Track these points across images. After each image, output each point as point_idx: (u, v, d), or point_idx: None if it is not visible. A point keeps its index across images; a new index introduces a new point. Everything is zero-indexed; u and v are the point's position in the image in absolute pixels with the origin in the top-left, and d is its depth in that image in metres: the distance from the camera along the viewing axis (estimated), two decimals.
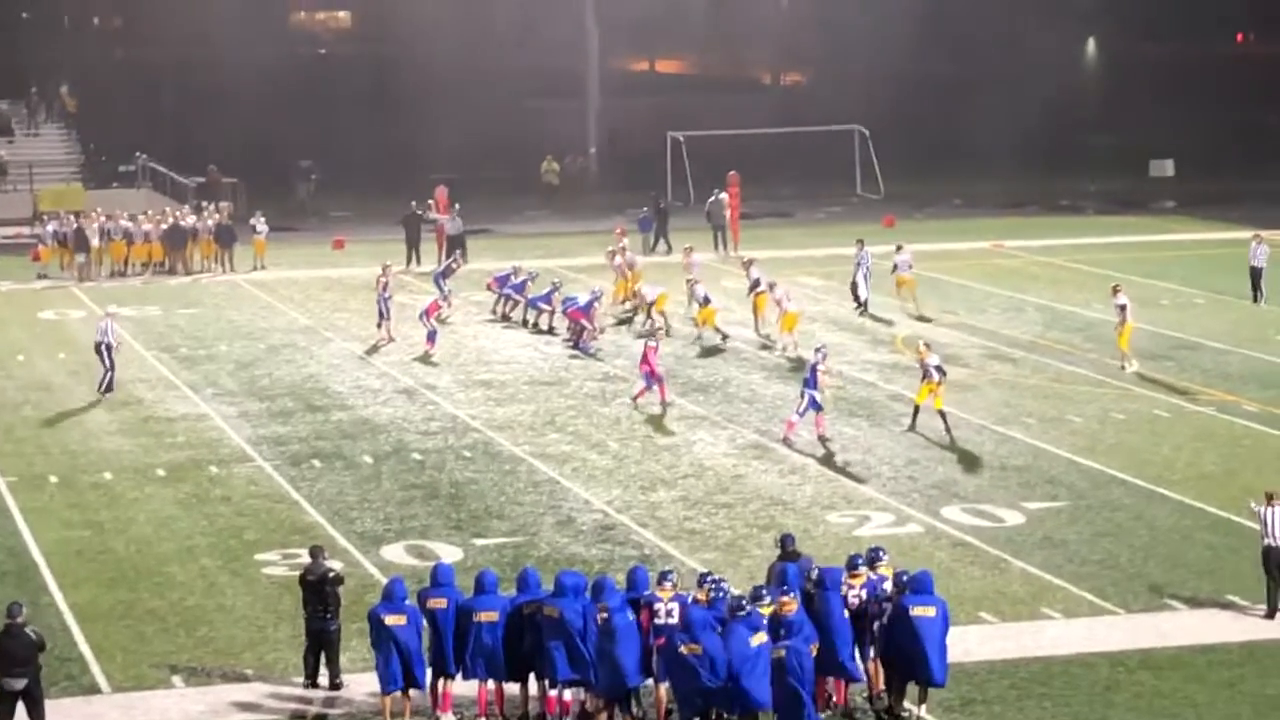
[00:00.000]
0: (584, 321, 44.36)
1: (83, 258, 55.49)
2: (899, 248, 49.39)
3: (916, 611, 21.84)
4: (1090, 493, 31.82)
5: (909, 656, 21.90)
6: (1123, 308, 41.46)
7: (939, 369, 35.71)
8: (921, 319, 47.87)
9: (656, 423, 37.04)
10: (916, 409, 36.06)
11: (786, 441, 34.97)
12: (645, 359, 38.09)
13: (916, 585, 22.13)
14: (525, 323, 47.15)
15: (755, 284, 45.79)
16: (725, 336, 44.65)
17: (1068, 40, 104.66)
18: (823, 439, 35.09)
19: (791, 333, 43.52)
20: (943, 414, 35.50)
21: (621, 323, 47.30)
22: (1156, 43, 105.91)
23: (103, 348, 39.67)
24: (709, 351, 43.84)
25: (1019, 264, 57.26)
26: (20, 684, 21.41)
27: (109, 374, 39.68)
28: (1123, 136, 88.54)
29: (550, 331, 46.00)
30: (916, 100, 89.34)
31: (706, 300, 45.02)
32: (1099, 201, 72.98)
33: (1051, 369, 41.87)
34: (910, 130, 79.59)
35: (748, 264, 47.34)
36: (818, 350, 36.09)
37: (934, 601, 22.01)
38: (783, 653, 21.02)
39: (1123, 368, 41.00)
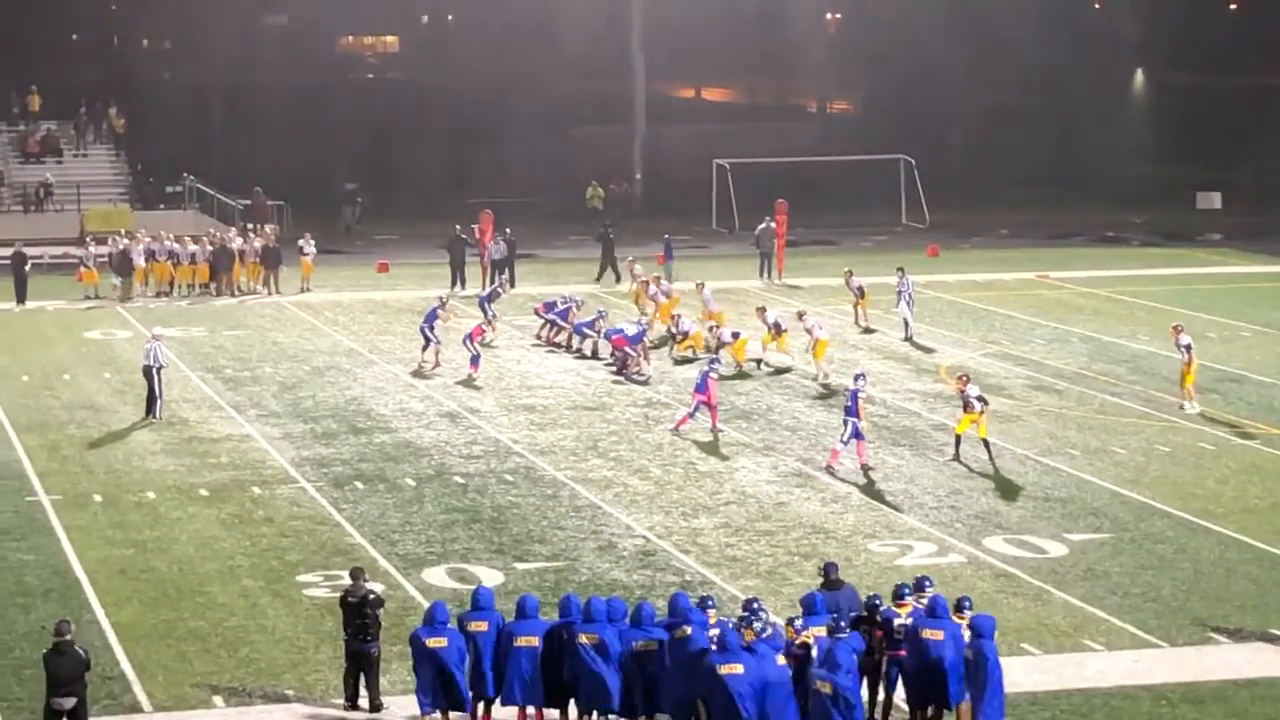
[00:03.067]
0: (629, 350, 44.34)
1: (123, 280, 55.68)
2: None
3: (927, 634, 21.82)
4: (1134, 525, 31.68)
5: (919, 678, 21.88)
6: (1187, 347, 40.53)
7: (980, 399, 35.62)
8: (867, 330, 48.59)
9: (702, 448, 36.98)
10: (958, 439, 35.97)
11: (830, 470, 34.91)
12: (706, 388, 37.71)
13: (931, 609, 22.14)
14: (569, 348, 47.18)
15: (776, 326, 45.41)
16: (759, 363, 44.70)
17: (1115, 72, 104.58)
18: (865, 468, 35.01)
19: (822, 359, 43.43)
20: (986, 443, 35.41)
21: (658, 346, 47.12)
22: (1204, 75, 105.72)
23: (152, 371, 39.78)
24: (752, 379, 43.77)
25: (1064, 295, 57.10)
26: (70, 703, 21.44)
27: (158, 401, 39.76)
28: (1170, 168, 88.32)
29: (594, 357, 46.01)
30: (963, 130, 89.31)
31: (736, 335, 45.27)
32: (1145, 233, 72.75)
33: (1096, 400, 41.71)
34: (956, 160, 79.48)
35: (762, 310, 46.68)
36: (858, 377, 36.01)
37: (943, 625, 21.92)
38: (830, 687, 20.95)
39: (1181, 407, 40.41)
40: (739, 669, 20.94)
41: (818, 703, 21.03)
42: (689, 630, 21.72)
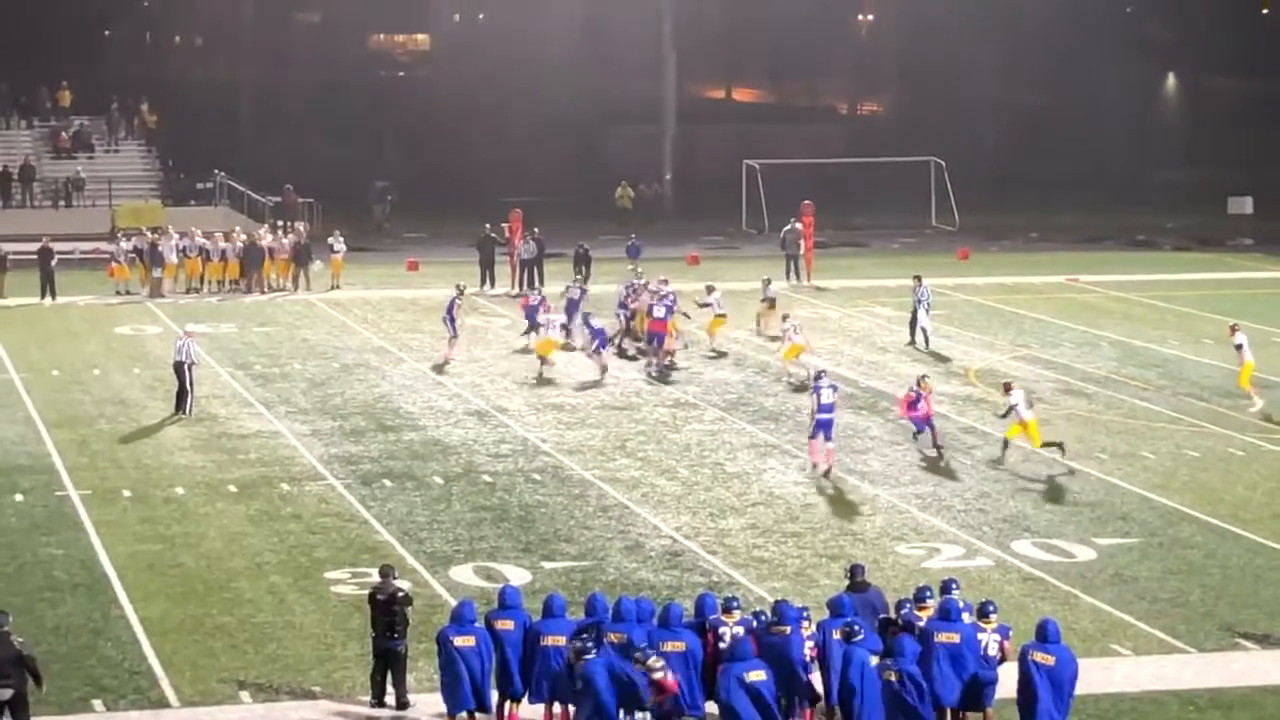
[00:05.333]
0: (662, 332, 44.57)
1: (157, 273, 55.88)
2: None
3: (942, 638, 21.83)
4: (1162, 530, 31.60)
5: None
6: (1239, 347, 41.11)
7: (1029, 406, 35.66)
8: (773, 339, 48.02)
9: (729, 449, 36.97)
10: (1006, 443, 35.92)
11: (814, 467, 34.78)
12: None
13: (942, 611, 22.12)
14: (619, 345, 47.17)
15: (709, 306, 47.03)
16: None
17: (1147, 75, 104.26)
18: (814, 465, 34.94)
19: (791, 361, 43.81)
20: (1050, 444, 35.52)
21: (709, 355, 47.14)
22: (1236, 78, 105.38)
23: (184, 368, 39.85)
24: (781, 380, 43.76)
25: (1094, 299, 56.98)
26: (6, 694, 21.20)
27: (189, 397, 39.81)
28: (1201, 172, 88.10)
29: (629, 353, 45.96)
30: (993, 132, 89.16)
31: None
32: (1176, 237, 72.57)
33: (1125, 405, 41.62)
34: (987, 162, 79.37)
35: (710, 289, 48.15)
36: (819, 375, 35.80)
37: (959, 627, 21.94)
38: (896, 675, 21.19)
39: (1249, 405, 40.80)
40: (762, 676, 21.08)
41: (888, 692, 21.20)
42: (788, 630, 21.85)
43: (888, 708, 21.28)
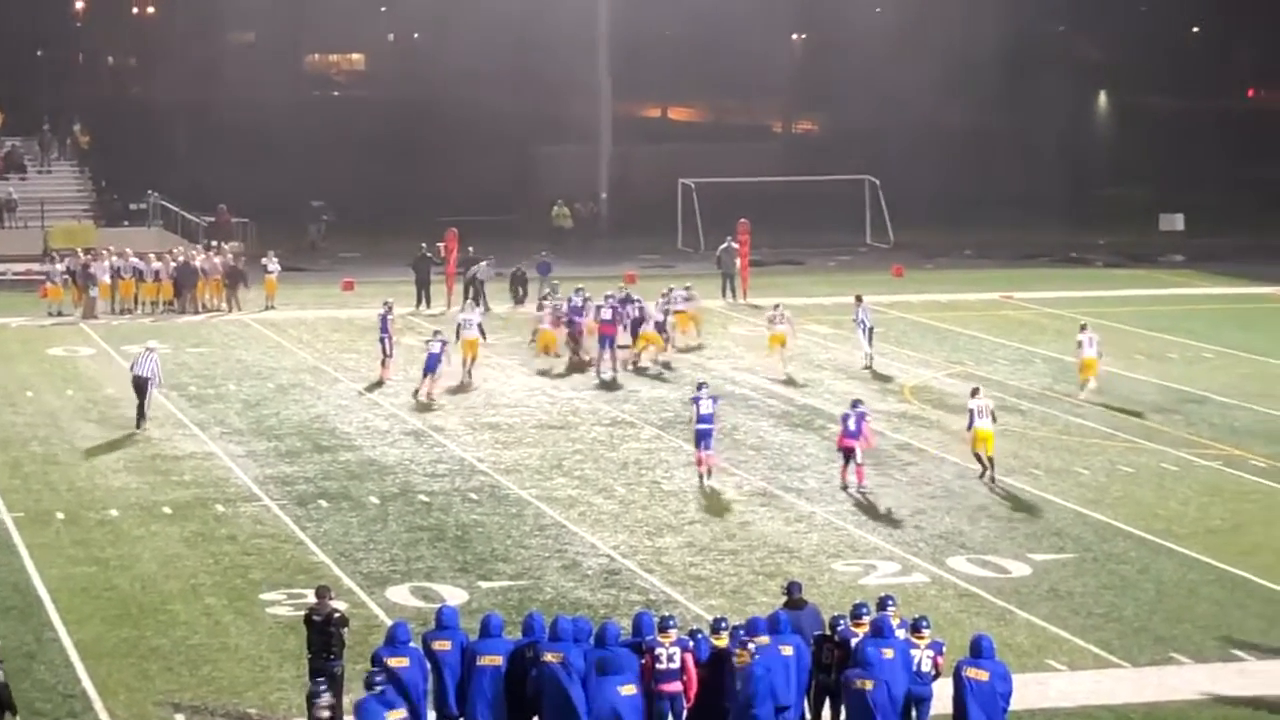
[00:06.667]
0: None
1: (91, 294, 55.57)
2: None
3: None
4: (1097, 545, 31.77)
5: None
6: (1080, 344, 44.05)
7: (992, 414, 36.32)
8: (699, 347, 49.63)
9: (667, 467, 37.00)
10: (979, 458, 36.29)
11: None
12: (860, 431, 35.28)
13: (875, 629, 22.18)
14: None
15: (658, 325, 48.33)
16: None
17: (1079, 94, 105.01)
18: (705, 471, 35.43)
19: (776, 350, 46.21)
20: (983, 461, 36.02)
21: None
22: (1167, 97, 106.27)
23: (144, 383, 39.93)
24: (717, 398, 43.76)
25: (1028, 315, 57.28)
26: None
27: (140, 412, 39.96)
28: (1133, 190, 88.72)
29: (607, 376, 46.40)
30: (927, 150, 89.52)
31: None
32: (1108, 255, 73.04)
33: (1060, 421, 41.84)
34: (921, 180, 79.77)
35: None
36: (700, 385, 37.32)
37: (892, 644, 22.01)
38: (870, 683, 21.29)
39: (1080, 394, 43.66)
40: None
41: (857, 701, 21.30)
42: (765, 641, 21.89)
43: (859, 717, 21.36)
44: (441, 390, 43.86)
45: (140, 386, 39.95)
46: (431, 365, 43.50)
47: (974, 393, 36.98)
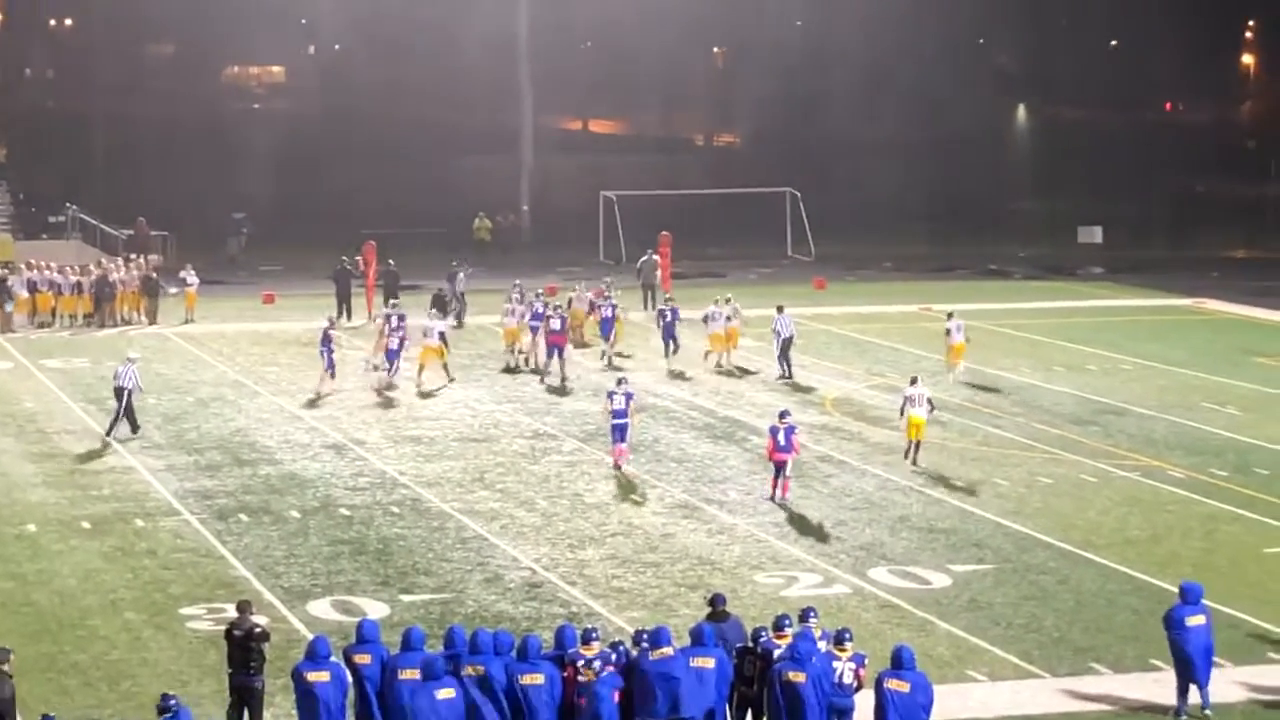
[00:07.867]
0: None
1: (8, 308, 55.14)
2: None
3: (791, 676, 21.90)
4: (1016, 556, 31.95)
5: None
6: (948, 332, 47.22)
7: (930, 401, 38.27)
8: (620, 355, 50.20)
9: (589, 480, 37.02)
10: (910, 444, 38.04)
11: (616, 466, 37.00)
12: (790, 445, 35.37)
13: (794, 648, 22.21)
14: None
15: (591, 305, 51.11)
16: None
17: (998, 106, 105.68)
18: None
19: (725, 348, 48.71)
20: (911, 449, 38.05)
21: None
22: (1086, 109, 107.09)
23: (124, 393, 40.23)
24: (640, 410, 43.79)
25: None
26: None
27: (117, 419, 40.30)
28: (1052, 202, 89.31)
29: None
30: (848, 163, 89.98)
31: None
32: (1028, 267, 73.50)
33: (979, 432, 42.06)
34: (842, 193, 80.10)
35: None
36: (620, 381, 38.49)
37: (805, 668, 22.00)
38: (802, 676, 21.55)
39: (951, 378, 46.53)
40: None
41: (790, 692, 21.42)
42: (670, 652, 21.84)
43: (791, 710, 21.44)
44: (374, 391, 44.27)
45: (119, 395, 40.42)
46: (392, 357, 46.22)
47: (913, 381, 38.58)
